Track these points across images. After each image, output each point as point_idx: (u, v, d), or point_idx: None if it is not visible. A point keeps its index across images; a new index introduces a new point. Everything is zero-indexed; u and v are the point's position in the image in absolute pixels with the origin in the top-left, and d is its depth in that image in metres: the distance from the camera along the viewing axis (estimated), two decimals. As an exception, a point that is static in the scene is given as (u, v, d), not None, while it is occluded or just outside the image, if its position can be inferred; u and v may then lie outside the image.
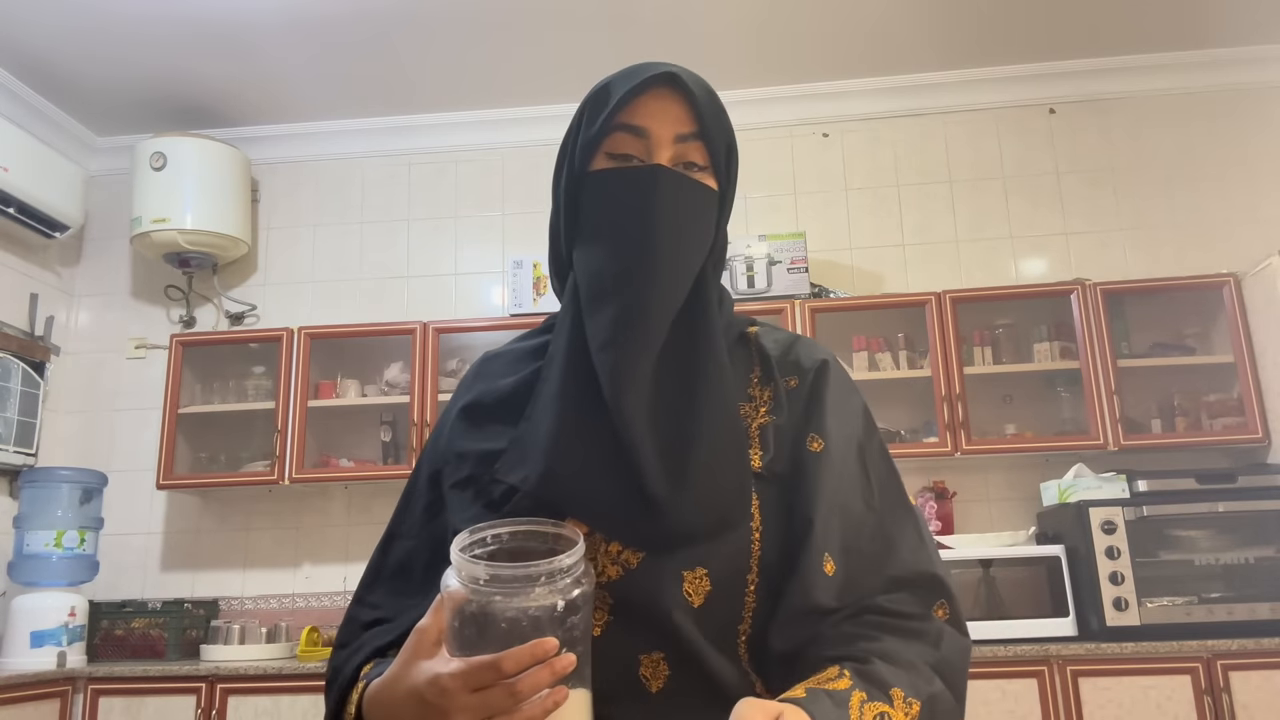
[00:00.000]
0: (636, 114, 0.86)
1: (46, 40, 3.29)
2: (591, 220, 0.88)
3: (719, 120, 0.89)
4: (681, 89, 0.86)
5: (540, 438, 0.84)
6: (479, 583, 0.68)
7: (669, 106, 0.86)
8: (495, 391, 0.92)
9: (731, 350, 0.92)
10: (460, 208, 3.85)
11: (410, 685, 0.71)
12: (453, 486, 0.90)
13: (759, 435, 0.87)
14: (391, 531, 0.97)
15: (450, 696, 0.68)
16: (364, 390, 3.53)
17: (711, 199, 0.89)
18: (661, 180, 0.85)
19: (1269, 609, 2.73)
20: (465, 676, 0.67)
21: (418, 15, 3.21)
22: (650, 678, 0.79)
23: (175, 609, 3.39)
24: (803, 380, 0.92)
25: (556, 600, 0.68)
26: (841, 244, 3.65)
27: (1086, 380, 3.16)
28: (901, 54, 3.56)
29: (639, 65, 0.90)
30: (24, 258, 3.65)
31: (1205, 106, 3.59)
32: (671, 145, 0.86)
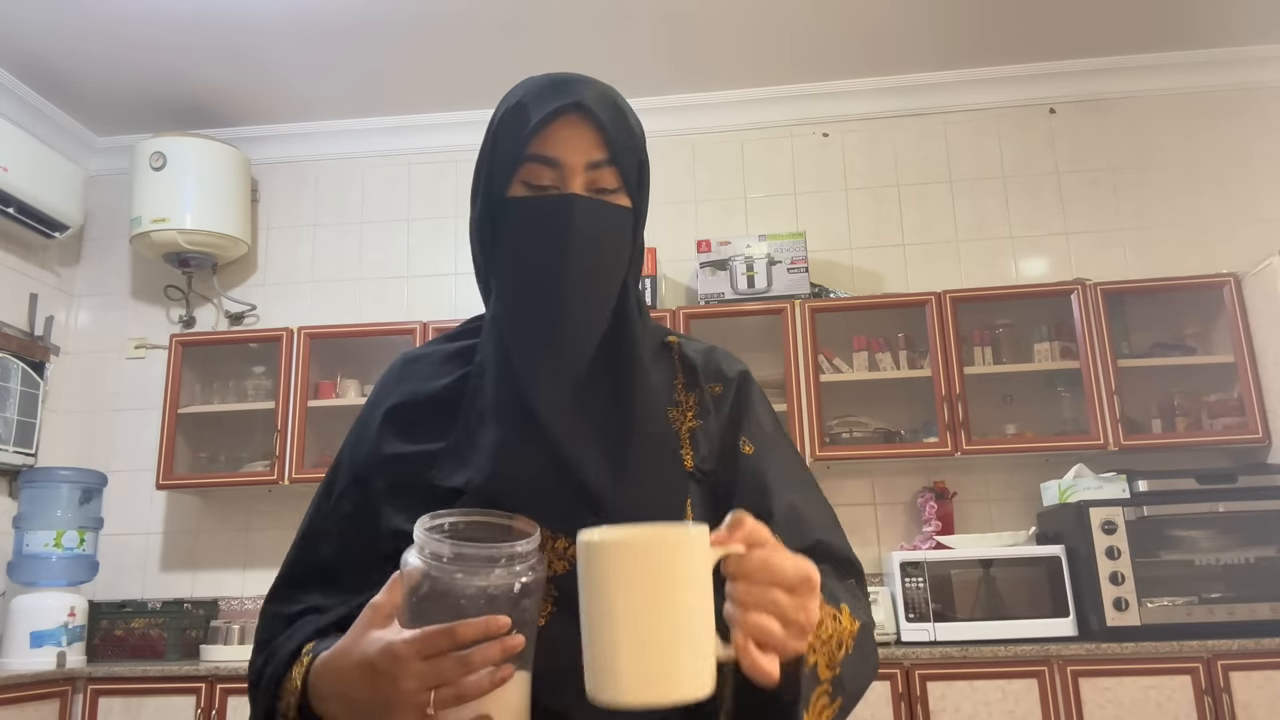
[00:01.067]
0: (548, 144, 0.89)
1: (46, 40, 3.29)
2: (510, 245, 0.92)
3: (629, 141, 0.92)
4: (590, 116, 0.90)
5: (484, 446, 0.87)
6: (442, 560, 0.71)
7: (579, 134, 0.89)
8: (423, 393, 0.95)
9: (654, 358, 0.97)
10: (459, 208, 3.85)
11: (361, 654, 0.73)
12: (387, 488, 0.92)
13: (689, 438, 0.93)
14: (313, 530, 0.99)
15: (402, 663, 0.70)
16: (364, 390, 3.52)
17: (626, 218, 0.92)
18: (577, 209, 0.89)
19: (1269, 609, 2.73)
20: (420, 643, 0.69)
21: (418, 16, 3.21)
22: None
23: (175, 609, 3.39)
24: (726, 387, 0.98)
25: (514, 582, 0.72)
26: (841, 244, 3.65)
27: (1086, 380, 3.16)
28: (901, 54, 3.56)
29: (551, 82, 0.93)
30: (24, 258, 3.65)
31: (1205, 106, 3.59)
32: (583, 173, 0.90)
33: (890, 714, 2.68)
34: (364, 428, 1.01)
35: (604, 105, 0.91)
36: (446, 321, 3.47)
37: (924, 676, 2.69)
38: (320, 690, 0.78)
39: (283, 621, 0.92)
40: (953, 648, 2.72)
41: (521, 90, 0.94)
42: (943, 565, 2.92)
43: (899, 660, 2.71)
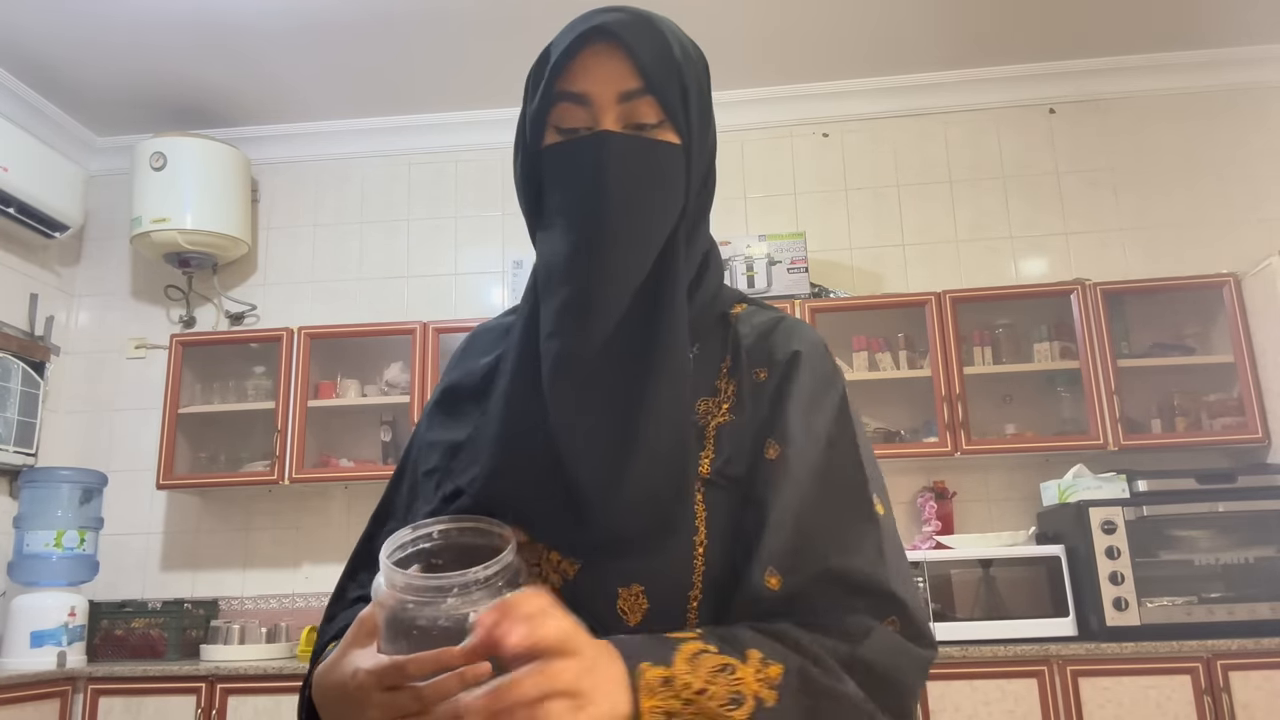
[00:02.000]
0: (575, 79, 0.79)
1: (46, 40, 3.29)
2: (548, 200, 0.83)
3: (667, 65, 0.80)
4: (618, 41, 0.78)
5: (491, 438, 0.81)
6: (395, 588, 0.69)
7: (607, 63, 0.79)
8: (472, 374, 0.90)
9: (709, 332, 0.85)
10: (460, 208, 3.85)
11: (340, 674, 0.72)
12: (424, 475, 0.89)
13: (715, 435, 0.81)
14: (382, 513, 0.96)
15: (365, 691, 0.68)
16: (364, 390, 3.53)
17: (672, 156, 0.81)
18: (607, 147, 0.78)
19: (1269, 609, 2.73)
20: (378, 674, 0.67)
21: (418, 15, 3.21)
22: (629, 611, 0.76)
23: (175, 609, 3.39)
24: (773, 373, 0.83)
25: (468, 612, 0.68)
26: (841, 244, 3.65)
27: (1086, 380, 3.16)
28: (901, 54, 3.56)
29: (578, 17, 0.82)
30: (24, 258, 3.65)
31: (1205, 106, 3.59)
32: (615, 105, 0.79)
33: (890, 714, 2.68)
34: (428, 406, 0.97)
35: (635, 27, 0.80)
36: (447, 321, 3.47)
37: (924, 676, 2.69)
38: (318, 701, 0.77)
39: (345, 604, 0.91)
40: (952, 647, 2.72)
41: (555, 36, 0.84)
42: (943, 565, 2.92)
43: (899, 660, 2.71)
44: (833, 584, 0.75)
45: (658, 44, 0.80)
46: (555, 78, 0.80)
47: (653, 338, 0.78)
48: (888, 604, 0.76)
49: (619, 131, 0.79)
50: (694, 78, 0.83)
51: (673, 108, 0.80)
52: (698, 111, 0.83)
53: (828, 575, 0.76)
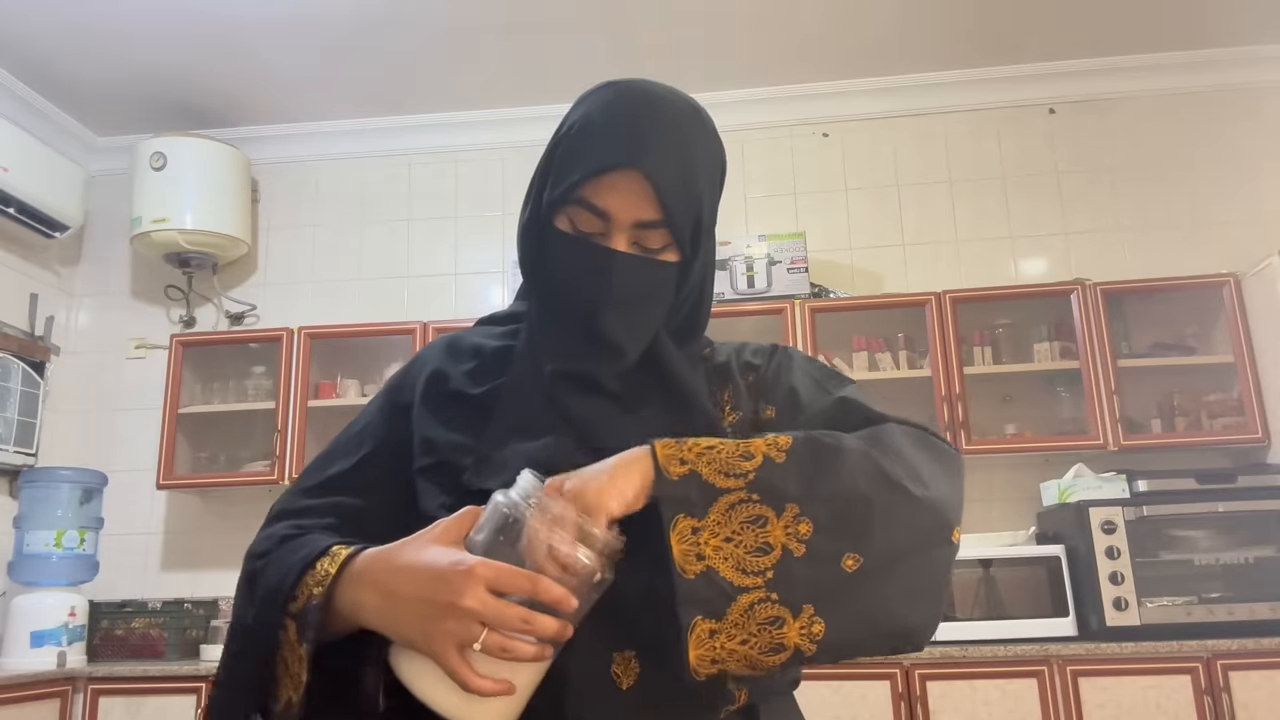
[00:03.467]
0: (599, 194, 0.86)
1: (46, 40, 3.29)
2: (549, 273, 0.92)
3: (687, 201, 0.87)
4: (648, 176, 0.85)
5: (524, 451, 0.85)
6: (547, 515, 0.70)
7: (633, 189, 0.85)
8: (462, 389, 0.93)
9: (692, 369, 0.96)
10: (460, 208, 3.85)
11: (430, 559, 0.72)
12: (421, 471, 0.89)
13: (732, 433, 0.90)
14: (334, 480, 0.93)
15: (473, 582, 0.69)
16: (364, 390, 3.53)
17: (668, 273, 0.90)
18: (616, 266, 0.87)
19: (1269, 609, 2.73)
20: (498, 573, 0.69)
21: (417, 15, 3.21)
22: (621, 675, 0.77)
23: (175, 609, 3.39)
24: (757, 375, 0.96)
25: (595, 571, 0.70)
26: (841, 244, 3.65)
27: (1086, 380, 3.16)
28: (901, 54, 3.56)
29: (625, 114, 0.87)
30: (24, 258, 3.65)
31: (1205, 107, 3.59)
32: (630, 230, 0.87)
33: (890, 714, 2.68)
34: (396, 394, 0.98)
35: (666, 161, 0.86)
36: (446, 321, 3.47)
37: (924, 676, 2.69)
38: (361, 577, 0.76)
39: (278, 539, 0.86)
40: (952, 647, 2.72)
41: (592, 108, 0.90)
42: (943, 565, 2.92)
43: (898, 660, 2.71)
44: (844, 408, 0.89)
45: (683, 176, 0.87)
46: (581, 184, 0.87)
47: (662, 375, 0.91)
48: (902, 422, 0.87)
49: (626, 254, 0.87)
50: (710, 201, 0.92)
51: (681, 238, 0.88)
52: (705, 235, 0.92)
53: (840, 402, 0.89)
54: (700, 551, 0.73)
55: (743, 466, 0.75)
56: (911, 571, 0.78)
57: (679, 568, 0.72)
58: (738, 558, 0.73)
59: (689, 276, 0.92)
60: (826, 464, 0.77)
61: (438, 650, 0.70)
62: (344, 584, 0.77)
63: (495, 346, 0.97)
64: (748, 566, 0.73)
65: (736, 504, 0.74)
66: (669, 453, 0.76)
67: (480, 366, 0.95)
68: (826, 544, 0.74)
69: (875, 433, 0.83)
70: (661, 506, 0.73)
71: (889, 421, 0.86)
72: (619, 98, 0.90)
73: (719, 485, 0.74)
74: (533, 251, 0.94)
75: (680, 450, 0.76)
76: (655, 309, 0.90)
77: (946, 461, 0.84)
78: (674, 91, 0.92)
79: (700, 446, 0.76)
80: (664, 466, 0.75)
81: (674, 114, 0.89)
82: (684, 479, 0.74)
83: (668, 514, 0.73)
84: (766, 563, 0.73)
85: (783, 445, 0.77)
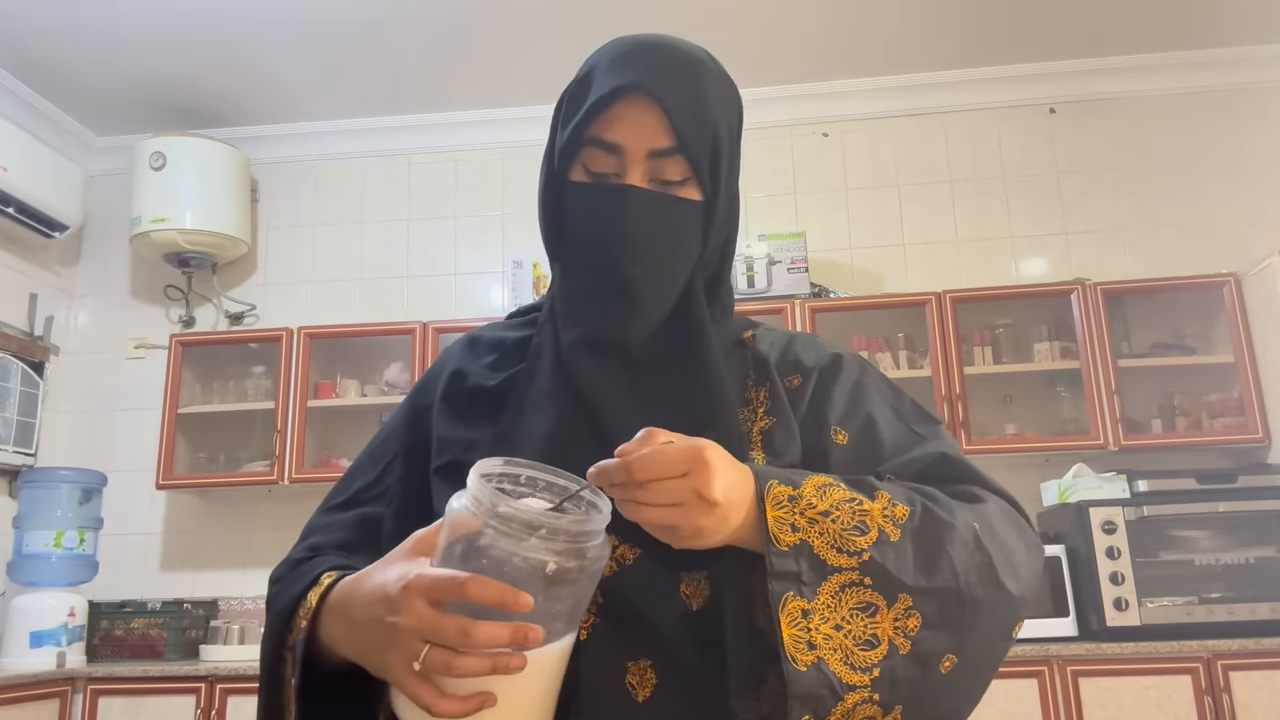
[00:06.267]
0: (609, 127, 0.82)
1: (46, 40, 3.28)
2: (569, 231, 0.86)
3: (701, 126, 0.82)
4: (655, 99, 0.81)
5: (533, 433, 0.82)
6: (481, 509, 0.64)
7: (643, 117, 0.81)
8: (482, 384, 0.90)
9: (728, 356, 0.89)
10: (460, 208, 3.85)
11: (381, 578, 0.68)
12: (436, 471, 0.87)
13: (760, 439, 0.84)
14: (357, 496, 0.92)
15: (409, 597, 0.63)
16: (364, 390, 3.52)
17: (692, 211, 0.84)
18: (630, 203, 0.81)
19: (1269, 609, 2.73)
20: (431, 583, 0.63)
21: (417, 16, 3.21)
22: (637, 686, 0.75)
23: (175, 609, 3.39)
24: (805, 379, 0.88)
25: (548, 560, 0.63)
26: (841, 244, 3.65)
27: (1086, 380, 3.16)
28: (901, 54, 3.56)
29: (624, 51, 0.85)
30: (23, 258, 3.65)
31: (1205, 106, 3.59)
32: (644, 161, 0.82)
33: (890, 714, 2.68)
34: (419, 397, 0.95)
35: (674, 84, 0.82)
36: (447, 321, 3.47)
37: (924, 676, 2.69)
38: (333, 608, 0.74)
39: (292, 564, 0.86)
40: (953, 648, 2.72)
41: (598, 56, 0.87)
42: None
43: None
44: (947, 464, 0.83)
45: (696, 100, 0.82)
46: (590, 120, 0.82)
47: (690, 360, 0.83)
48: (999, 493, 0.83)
49: (643, 188, 0.82)
50: (727, 131, 0.86)
51: (699, 168, 0.82)
52: (726, 169, 0.86)
53: (941, 458, 0.83)
54: (811, 639, 0.68)
55: (857, 542, 0.69)
56: (983, 667, 0.77)
57: (790, 655, 0.67)
58: (846, 650, 0.68)
59: (714, 219, 0.86)
60: (941, 549, 0.72)
61: (395, 676, 0.65)
62: (324, 616, 0.74)
63: (516, 337, 0.93)
64: (856, 661, 0.68)
65: (847, 585, 0.69)
66: (780, 515, 0.69)
67: (500, 358, 0.91)
68: (932, 643, 0.71)
69: (981, 513, 0.78)
70: (770, 582, 0.68)
71: (990, 493, 0.82)
72: (623, 40, 0.88)
73: (830, 562, 0.69)
74: (552, 214, 0.88)
75: (793, 514, 0.70)
76: (679, 253, 0.84)
77: (1035, 555, 0.81)
78: (682, 39, 0.90)
79: (814, 511, 0.70)
80: (775, 532, 0.69)
81: (681, 46, 0.87)
82: (794, 549, 0.69)
83: (776, 590, 0.68)
84: (873, 658, 0.69)
85: (899, 518, 0.72)
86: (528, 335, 0.91)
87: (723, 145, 0.85)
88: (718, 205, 0.86)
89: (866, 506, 0.71)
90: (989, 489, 0.83)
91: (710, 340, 0.85)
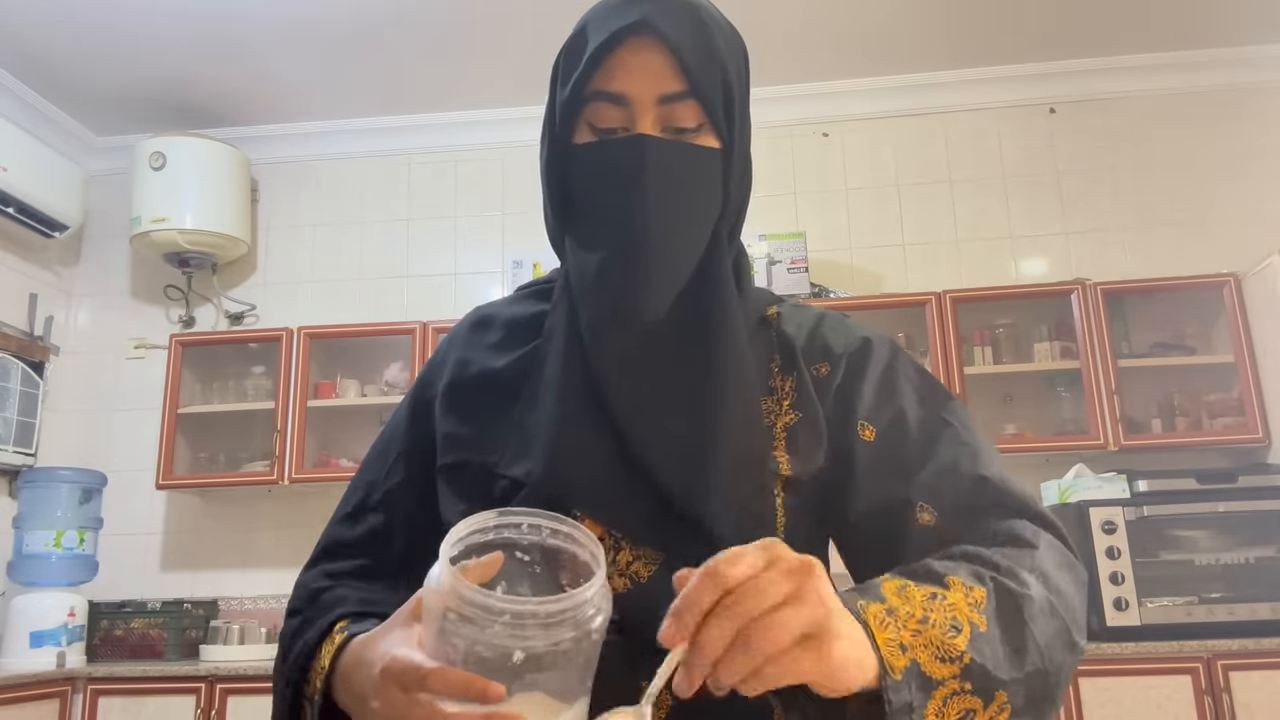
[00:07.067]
0: (613, 77, 0.75)
1: (46, 40, 3.28)
2: (579, 199, 0.80)
3: (711, 66, 0.76)
4: (661, 38, 0.74)
5: (544, 426, 0.76)
6: (443, 590, 0.59)
7: (649, 61, 0.74)
8: (488, 369, 0.84)
9: (753, 334, 0.82)
10: (460, 208, 3.85)
11: (374, 655, 0.65)
12: (447, 469, 0.82)
13: (785, 435, 0.78)
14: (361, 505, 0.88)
15: (385, 682, 0.61)
16: (364, 390, 3.52)
17: (711, 160, 0.78)
18: (645, 153, 0.75)
19: (1269, 609, 2.73)
20: (400, 669, 0.60)
21: (417, 15, 3.21)
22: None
23: (175, 609, 3.39)
24: (835, 366, 0.83)
25: (513, 649, 0.57)
26: (841, 244, 3.65)
27: (1086, 380, 3.16)
28: (901, 54, 3.55)
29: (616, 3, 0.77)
30: (23, 258, 3.65)
31: (1205, 106, 3.59)
32: (655, 108, 0.75)
33: (890, 714, 2.68)
34: (422, 390, 0.89)
35: (679, 21, 0.75)
36: (447, 321, 3.46)
37: (924, 676, 2.69)
38: (342, 675, 0.71)
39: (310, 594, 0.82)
40: (953, 648, 2.72)
41: (591, 10, 0.80)
42: (943, 565, 2.92)
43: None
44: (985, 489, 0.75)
45: (702, 40, 0.76)
46: (591, 73, 0.76)
47: (707, 339, 0.77)
48: (1039, 519, 0.75)
49: (658, 137, 0.76)
50: (736, 74, 0.80)
51: (714, 111, 0.77)
52: (740, 112, 0.80)
53: (981, 482, 0.76)
54: None
55: (955, 646, 0.62)
56: None
57: None
58: None
59: (732, 168, 0.79)
60: (1024, 629, 0.66)
61: None
62: (337, 680, 0.72)
63: (529, 314, 0.86)
64: None
65: (951, 696, 0.62)
66: (889, 637, 0.61)
67: (508, 336, 0.85)
68: None
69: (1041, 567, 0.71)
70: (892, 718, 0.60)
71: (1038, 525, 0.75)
72: None
73: (935, 676, 0.62)
74: (558, 183, 0.81)
75: (900, 631, 0.61)
76: (702, 207, 0.78)
77: (1083, 592, 0.75)
78: None
79: (914, 621, 0.62)
80: (888, 660, 0.60)
81: None
82: (906, 674, 0.61)
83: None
84: None
85: (979, 602, 0.65)
86: (540, 310, 0.85)
87: (734, 87, 0.79)
88: (734, 152, 0.80)
89: (951, 599, 0.64)
90: (1034, 518, 0.76)
91: (735, 314, 0.79)
